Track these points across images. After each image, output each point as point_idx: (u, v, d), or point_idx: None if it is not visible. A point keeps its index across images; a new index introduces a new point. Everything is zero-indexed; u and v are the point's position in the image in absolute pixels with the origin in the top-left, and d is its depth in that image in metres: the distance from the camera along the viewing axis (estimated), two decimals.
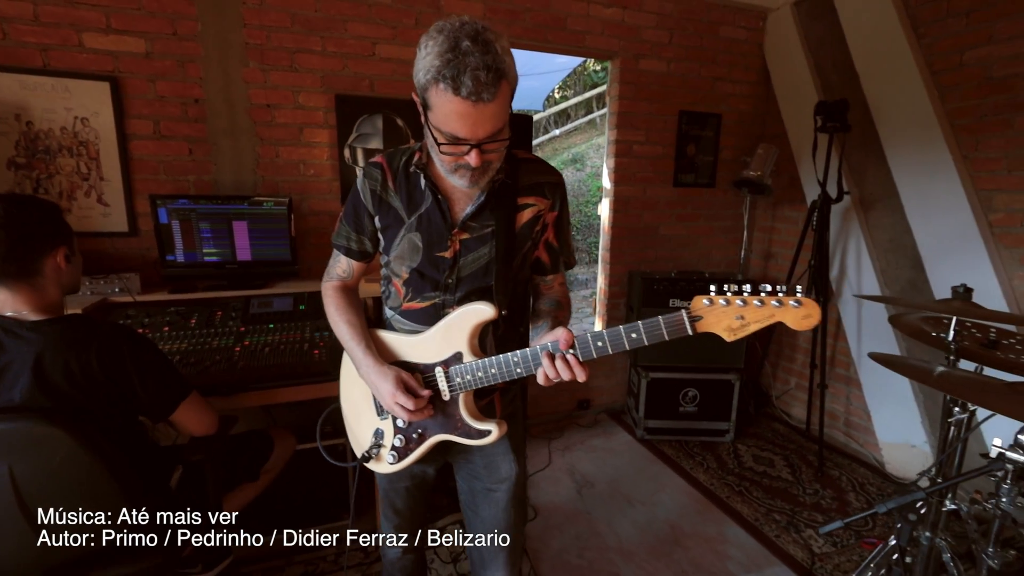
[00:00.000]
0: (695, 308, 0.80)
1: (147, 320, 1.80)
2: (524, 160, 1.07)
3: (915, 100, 2.37)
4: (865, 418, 2.74)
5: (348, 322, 1.10)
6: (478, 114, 0.83)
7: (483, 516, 1.18)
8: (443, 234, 1.02)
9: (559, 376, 0.89)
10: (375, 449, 1.11)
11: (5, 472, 1.04)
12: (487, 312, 0.97)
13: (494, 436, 1.00)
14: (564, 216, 1.10)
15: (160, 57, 2.07)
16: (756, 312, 0.75)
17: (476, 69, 0.79)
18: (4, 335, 1.11)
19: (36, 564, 1.12)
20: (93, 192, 2.07)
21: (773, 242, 3.30)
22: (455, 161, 0.91)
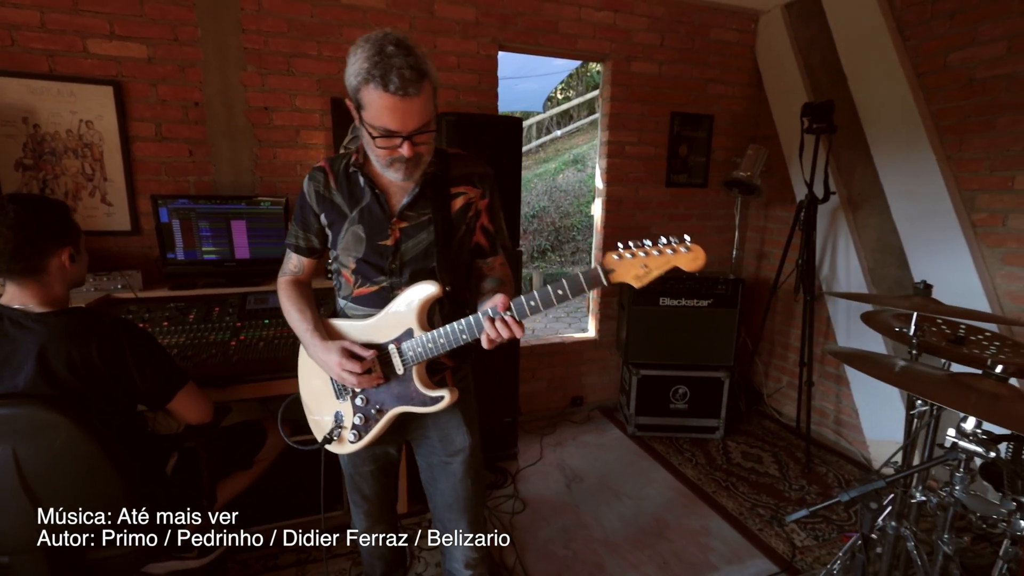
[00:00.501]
0: (608, 263, 0.91)
1: (147, 315, 1.87)
2: (454, 155, 1.18)
3: (901, 101, 2.41)
4: (853, 416, 2.77)
5: (298, 310, 1.20)
6: (406, 108, 0.94)
7: (442, 488, 1.28)
8: (383, 224, 1.12)
9: (500, 336, 0.99)
10: (336, 431, 1.20)
11: (9, 454, 1.11)
12: (432, 290, 1.07)
13: (447, 399, 1.10)
14: (495, 203, 1.21)
15: (161, 62, 2.14)
16: (656, 260, 0.88)
17: (401, 68, 0.90)
18: (11, 326, 1.18)
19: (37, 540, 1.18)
20: (97, 192, 2.14)
21: (766, 242, 3.33)
22: (390, 155, 1.01)
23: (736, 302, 2.81)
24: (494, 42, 2.62)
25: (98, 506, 1.21)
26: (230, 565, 1.86)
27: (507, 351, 2.51)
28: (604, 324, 3.20)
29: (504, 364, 2.51)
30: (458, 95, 2.61)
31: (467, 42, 2.57)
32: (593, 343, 3.22)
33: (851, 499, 1.22)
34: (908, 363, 1.17)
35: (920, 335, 1.25)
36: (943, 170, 2.28)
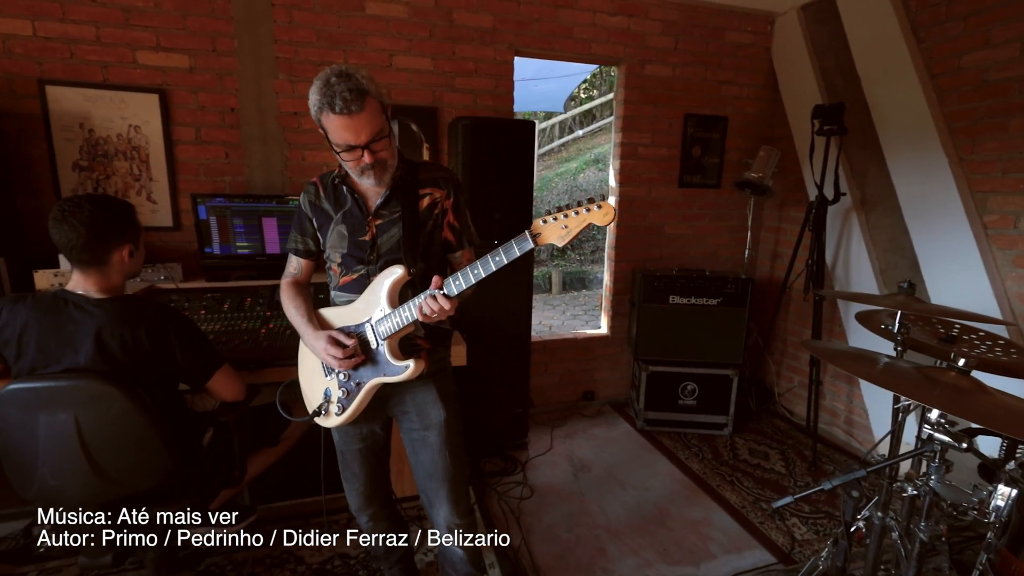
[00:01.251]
0: (535, 228, 1.06)
1: (187, 304, 2.04)
2: (422, 164, 1.38)
3: (914, 103, 2.41)
4: (864, 416, 2.79)
5: (296, 307, 1.41)
6: (354, 123, 1.13)
7: (422, 460, 1.42)
8: (362, 222, 1.31)
9: (431, 310, 1.15)
10: (325, 405, 1.37)
11: (72, 420, 1.27)
12: (398, 271, 1.25)
13: (411, 368, 1.25)
14: (460, 202, 1.36)
15: (201, 71, 2.32)
16: (574, 220, 1.02)
17: (343, 92, 1.10)
18: (75, 309, 1.35)
19: (95, 498, 1.35)
20: (144, 191, 2.34)
21: (780, 242, 3.35)
22: (357, 165, 1.20)
23: (746, 301, 2.85)
24: (510, 48, 2.73)
25: (145, 471, 1.37)
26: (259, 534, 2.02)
27: (518, 345, 2.62)
28: (616, 321, 3.28)
29: (515, 358, 2.62)
30: (475, 99, 2.72)
31: (484, 48, 2.69)
32: (605, 339, 3.30)
33: (833, 487, 1.29)
34: (892, 360, 1.23)
35: (904, 332, 1.30)
36: (955, 172, 2.28)
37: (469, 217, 1.40)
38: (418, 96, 2.63)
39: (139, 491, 1.40)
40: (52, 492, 1.31)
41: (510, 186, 2.41)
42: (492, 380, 2.59)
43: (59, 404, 1.25)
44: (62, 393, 1.25)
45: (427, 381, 1.40)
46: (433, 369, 1.41)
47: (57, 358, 1.30)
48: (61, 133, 2.20)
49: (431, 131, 2.65)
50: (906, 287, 1.30)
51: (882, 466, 1.23)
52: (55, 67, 2.16)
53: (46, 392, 1.25)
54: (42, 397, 1.25)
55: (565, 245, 1.07)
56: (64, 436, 1.27)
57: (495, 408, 2.64)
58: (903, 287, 1.30)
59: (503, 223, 2.41)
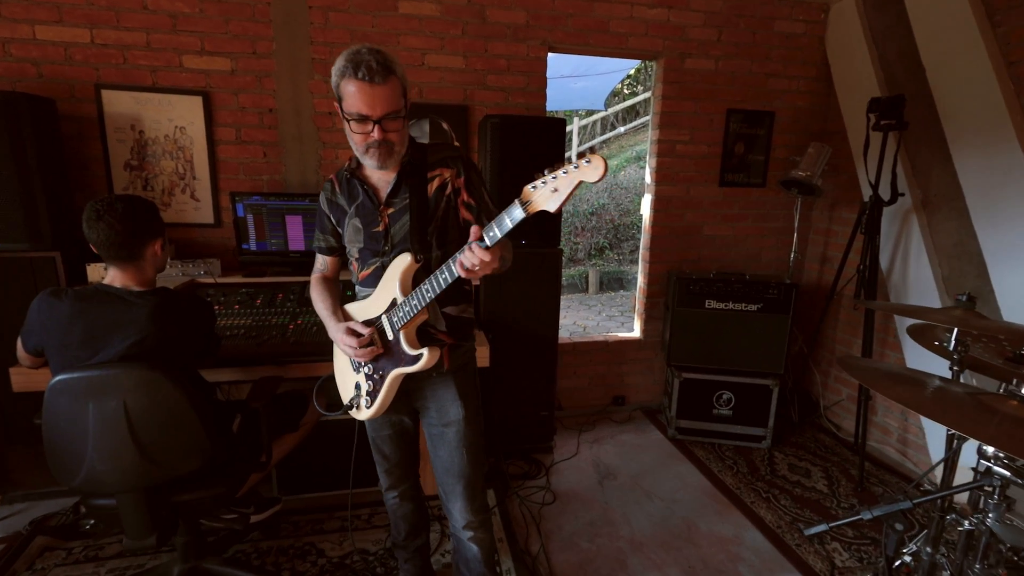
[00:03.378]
0: (525, 195, 0.99)
1: (223, 299, 2.12)
2: (430, 145, 1.35)
3: (986, 95, 2.19)
4: (920, 435, 2.57)
5: (322, 300, 1.44)
6: (374, 93, 1.11)
7: (440, 455, 1.42)
8: (374, 213, 1.30)
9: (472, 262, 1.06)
10: (356, 399, 1.39)
11: (121, 406, 1.33)
12: (406, 259, 1.23)
13: (425, 357, 1.22)
14: (472, 179, 1.31)
15: (242, 73, 2.40)
16: (563, 180, 0.93)
17: (369, 61, 1.10)
18: (118, 301, 1.42)
19: (140, 481, 1.41)
20: (188, 189, 2.45)
21: (830, 245, 3.14)
22: (364, 140, 1.17)
23: (789, 308, 2.69)
24: (544, 44, 2.67)
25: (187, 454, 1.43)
26: (283, 525, 2.07)
27: (544, 346, 2.57)
28: (649, 324, 3.17)
29: (542, 359, 2.58)
30: (507, 97, 2.69)
31: (517, 45, 2.65)
32: (637, 343, 3.20)
33: (874, 517, 1.18)
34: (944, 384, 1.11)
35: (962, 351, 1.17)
36: None
37: (486, 193, 1.35)
38: (449, 95, 2.62)
39: (180, 474, 1.46)
40: (100, 477, 1.37)
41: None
42: (518, 381, 2.55)
43: (109, 391, 1.32)
44: (112, 380, 1.32)
45: (447, 377, 1.38)
46: (454, 366, 1.39)
47: (104, 348, 1.37)
48: (115, 134, 2.33)
49: (462, 129, 2.64)
50: (965, 300, 1.16)
51: (931, 499, 1.11)
52: (110, 72, 2.29)
53: (97, 380, 1.32)
54: (93, 385, 1.31)
55: (558, 210, 0.97)
56: (114, 421, 1.33)
57: (520, 409, 2.61)
58: (961, 300, 1.17)
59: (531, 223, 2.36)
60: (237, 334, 1.93)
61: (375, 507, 2.18)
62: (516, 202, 1.00)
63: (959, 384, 1.15)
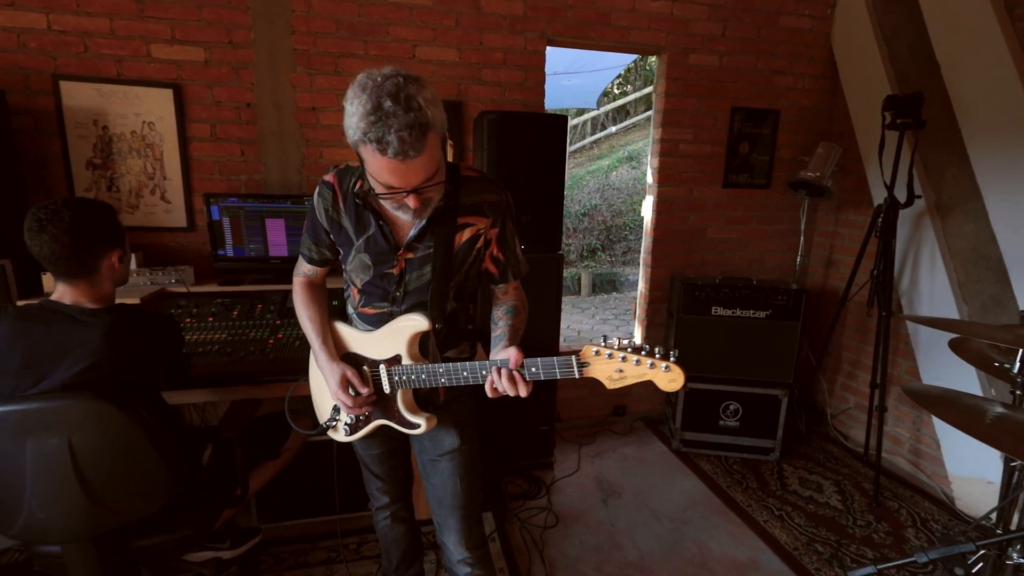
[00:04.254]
0: (584, 355, 0.90)
1: (195, 310, 1.94)
2: (467, 178, 1.10)
3: (1006, 92, 2.10)
4: (934, 447, 2.47)
5: (310, 317, 1.23)
6: (407, 168, 0.89)
7: (434, 484, 1.29)
8: (389, 255, 1.11)
9: (504, 389, 0.97)
10: (333, 421, 1.24)
11: (65, 445, 1.15)
12: (422, 324, 1.09)
13: (422, 428, 1.13)
14: (507, 231, 1.15)
15: (217, 65, 2.22)
16: (633, 368, 0.84)
17: (400, 130, 0.83)
18: (66, 320, 1.23)
19: (89, 529, 1.23)
20: (157, 190, 2.25)
21: (836, 248, 3.04)
22: (396, 203, 0.99)
23: (798, 315, 2.58)
24: (542, 37, 2.53)
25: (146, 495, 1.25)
26: (263, 557, 1.90)
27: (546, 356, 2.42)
28: (651, 331, 3.04)
29: None
30: (503, 92, 2.54)
31: (514, 38, 2.49)
32: None
33: (931, 560, 1.05)
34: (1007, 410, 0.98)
35: None
36: None
37: (518, 246, 1.20)
38: (442, 89, 2.46)
39: (138, 518, 1.28)
40: (41, 525, 1.19)
41: (540, 185, 2.22)
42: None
43: (51, 426, 1.13)
44: (53, 414, 1.13)
45: (443, 411, 1.24)
46: (448, 398, 1.25)
47: (49, 375, 1.19)
48: (75, 130, 2.12)
49: (456, 126, 2.48)
50: None
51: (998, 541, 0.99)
52: (69, 62, 2.08)
53: (35, 414, 1.13)
54: (31, 420, 1.12)
55: (612, 390, 0.89)
56: (57, 462, 1.15)
57: (519, 424, 2.46)
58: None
59: (531, 226, 2.22)
60: (210, 350, 1.75)
61: (364, 535, 2.02)
62: (573, 358, 0.91)
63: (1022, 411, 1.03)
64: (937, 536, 1.99)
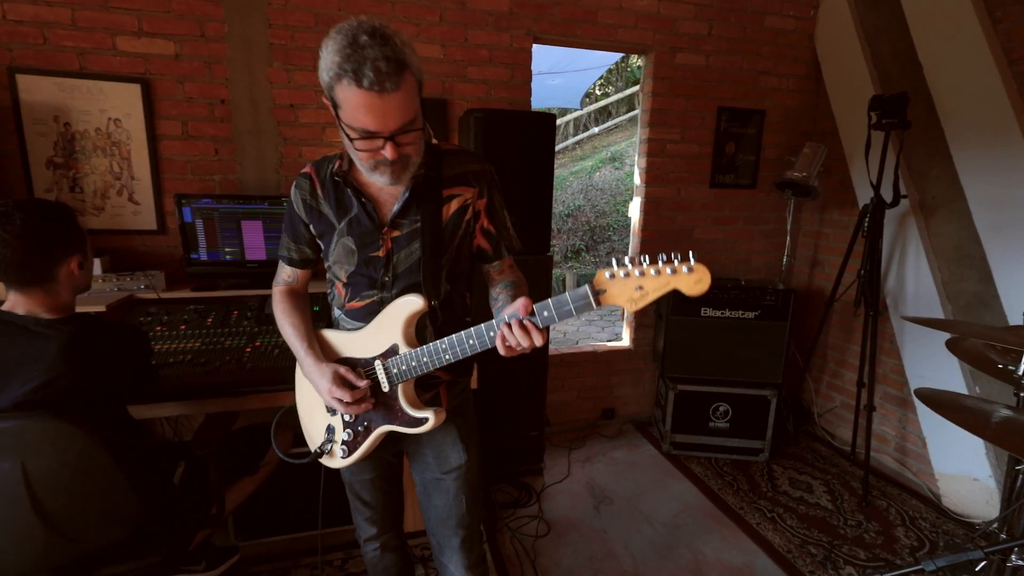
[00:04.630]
0: (598, 282, 0.81)
1: (166, 318, 1.83)
2: (448, 152, 1.08)
3: (988, 93, 2.12)
4: (920, 444, 2.49)
5: (292, 324, 1.14)
6: (384, 105, 0.85)
7: (436, 504, 1.21)
8: (374, 235, 1.04)
9: (518, 343, 0.89)
10: (327, 444, 1.14)
11: (18, 470, 1.05)
12: (417, 303, 1.00)
13: (431, 423, 1.02)
14: (495, 202, 1.10)
15: (188, 59, 2.11)
16: (653, 281, 0.78)
17: (376, 60, 0.81)
18: (19, 332, 1.13)
19: (47, 560, 1.13)
20: (125, 191, 2.13)
21: (820, 248, 3.06)
22: (372, 157, 0.92)
23: (787, 315, 2.57)
24: (528, 34, 2.47)
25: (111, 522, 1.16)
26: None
27: (536, 361, 2.37)
28: (640, 333, 3.01)
29: (532, 375, 2.38)
30: (489, 90, 2.48)
31: (500, 34, 2.44)
32: (627, 352, 3.04)
33: (938, 569, 1.02)
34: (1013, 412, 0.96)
35: None
36: None
37: (508, 218, 1.14)
38: (426, 87, 2.35)
39: (102, 547, 1.18)
40: None
41: (528, 185, 2.17)
42: (507, 399, 2.34)
43: (1, 450, 1.03)
44: (5, 436, 1.04)
45: (447, 420, 1.16)
46: (453, 404, 1.18)
47: None
48: (34, 127, 2.00)
49: (440, 125, 2.41)
50: None
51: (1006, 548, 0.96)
52: (27, 54, 1.95)
53: None
54: None
55: (636, 311, 0.82)
56: (10, 487, 1.05)
57: (509, 429, 2.40)
58: None
59: (519, 227, 2.13)
60: (183, 360, 1.65)
61: (349, 549, 1.93)
62: (587, 287, 0.82)
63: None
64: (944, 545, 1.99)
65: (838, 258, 2.86)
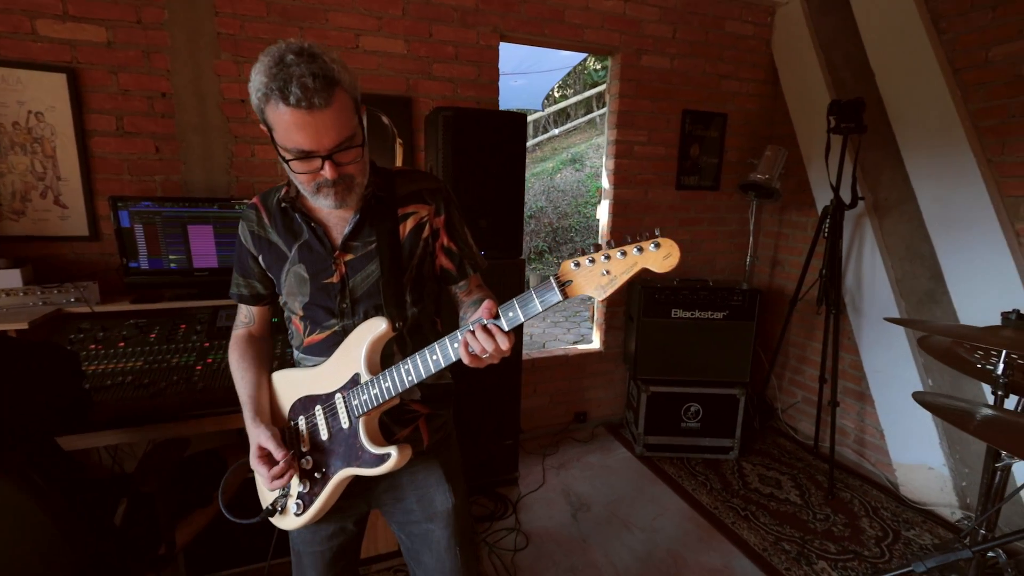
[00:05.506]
0: (564, 273, 0.77)
1: (102, 334, 1.64)
2: (400, 172, 1.04)
3: (935, 99, 2.22)
4: (878, 436, 2.59)
5: (241, 374, 1.05)
6: (316, 121, 0.81)
7: (425, 562, 1.08)
8: (326, 260, 0.98)
9: (483, 348, 0.81)
10: (282, 500, 1.01)
11: None
12: (380, 326, 0.92)
13: (393, 460, 0.90)
14: (454, 219, 1.05)
15: (123, 47, 1.91)
16: (620, 264, 0.73)
17: (302, 76, 0.78)
18: None
19: None
20: (50, 193, 1.91)
21: (780, 248, 3.15)
22: (313, 179, 0.86)
23: (753, 314, 2.62)
24: (495, 31, 2.41)
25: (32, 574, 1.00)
26: None
27: (509, 367, 2.30)
28: (610, 335, 3.00)
29: (505, 382, 2.30)
30: (455, 89, 2.39)
31: (466, 31, 2.36)
32: (598, 355, 3.02)
33: (928, 570, 1.03)
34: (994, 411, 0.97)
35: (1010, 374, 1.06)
36: (983, 174, 2.10)
37: (469, 235, 1.07)
38: (390, 84, 2.28)
39: None
40: None
41: (499, 185, 2.10)
42: (480, 409, 2.26)
43: None
44: None
45: (429, 458, 1.06)
46: (435, 440, 1.07)
47: None
48: None
49: (405, 124, 2.30)
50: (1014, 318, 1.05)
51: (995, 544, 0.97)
52: None
53: None
54: None
55: (606, 299, 0.77)
56: None
57: (482, 439, 2.32)
58: (1011, 318, 1.06)
59: (490, 230, 2.10)
60: (123, 382, 1.48)
61: None
62: (551, 280, 0.76)
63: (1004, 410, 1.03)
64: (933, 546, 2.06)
65: (797, 258, 2.96)
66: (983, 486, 1.12)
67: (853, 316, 2.67)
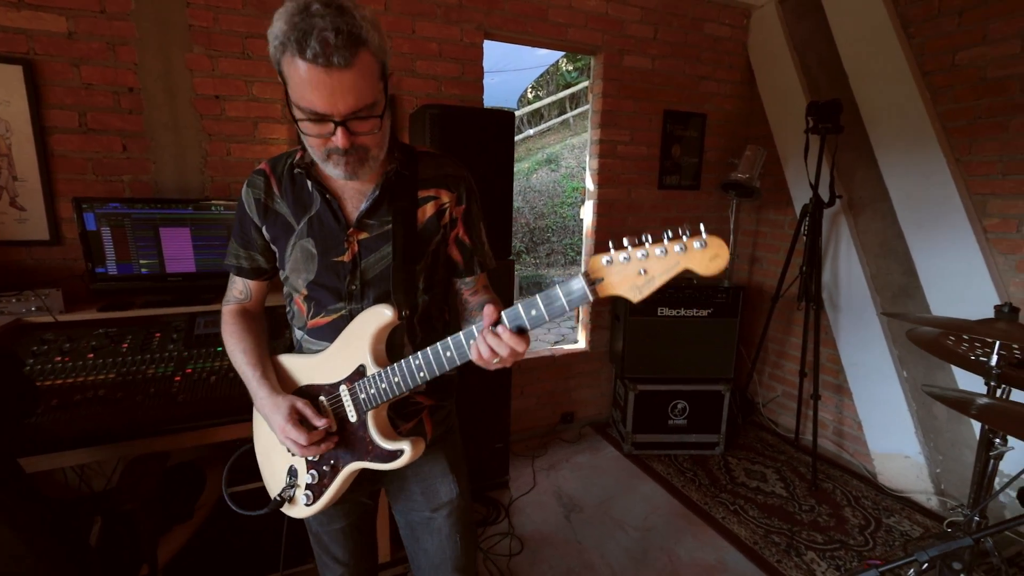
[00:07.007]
0: (594, 269, 0.67)
1: (68, 345, 1.53)
2: (425, 153, 0.99)
3: (906, 101, 2.31)
4: (856, 427, 2.68)
5: (243, 350, 0.98)
6: (333, 83, 0.73)
7: (427, 548, 1.07)
8: (338, 236, 0.91)
9: (492, 353, 0.76)
10: (290, 490, 0.98)
11: None
12: (385, 314, 0.86)
13: (407, 455, 0.87)
14: (473, 212, 1.00)
15: (86, 38, 1.79)
16: (659, 262, 0.63)
17: (324, 30, 0.70)
18: None
19: None
20: (5, 194, 1.77)
21: (758, 246, 3.22)
22: (323, 145, 0.80)
23: (737, 311, 2.67)
24: (479, 28, 2.37)
25: None
26: None
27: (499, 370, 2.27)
28: (595, 334, 3.00)
29: (494, 385, 2.27)
30: (439, 86, 2.35)
31: (450, 28, 2.32)
32: (584, 355, 3.02)
33: (931, 559, 1.05)
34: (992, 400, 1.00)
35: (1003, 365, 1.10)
36: (952, 173, 2.18)
37: (484, 231, 1.03)
38: None
39: None
40: None
41: (488, 184, 2.06)
42: (470, 412, 2.21)
43: None
44: None
45: (434, 450, 1.04)
46: (439, 432, 1.06)
47: None
48: None
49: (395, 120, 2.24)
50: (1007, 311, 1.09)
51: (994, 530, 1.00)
52: None
53: None
54: None
55: (641, 300, 0.66)
56: None
57: (473, 443, 2.26)
58: (1004, 311, 1.10)
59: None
60: (92, 397, 1.37)
61: None
62: (580, 277, 0.68)
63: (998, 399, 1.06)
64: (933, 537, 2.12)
65: (775, 255, 3.03)
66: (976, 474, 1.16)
67: (830, 311, 2.75)
